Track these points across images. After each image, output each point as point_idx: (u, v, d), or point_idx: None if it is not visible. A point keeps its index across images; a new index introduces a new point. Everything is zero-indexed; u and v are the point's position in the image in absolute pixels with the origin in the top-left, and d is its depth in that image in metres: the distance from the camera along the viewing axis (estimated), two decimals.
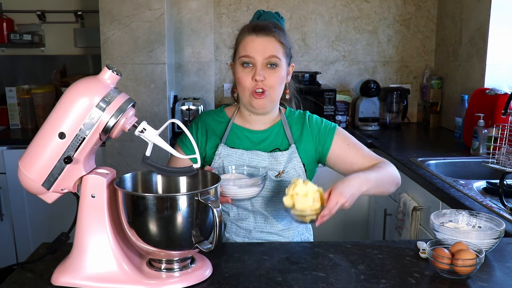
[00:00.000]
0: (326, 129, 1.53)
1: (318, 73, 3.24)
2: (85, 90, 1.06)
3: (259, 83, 1.42)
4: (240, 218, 1.52)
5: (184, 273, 1.12)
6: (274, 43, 1.43)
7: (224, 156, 1.50)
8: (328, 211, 1.22)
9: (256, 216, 1.51)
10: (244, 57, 1.43)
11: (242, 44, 1.45)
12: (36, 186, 1.09)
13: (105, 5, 2.72)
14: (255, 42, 1.42)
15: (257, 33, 1.43)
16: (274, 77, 1.43)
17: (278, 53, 1.43)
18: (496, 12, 2.69)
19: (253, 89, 1.43)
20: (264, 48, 1.42)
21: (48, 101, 3.17)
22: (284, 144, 1.52)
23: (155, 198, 1.06)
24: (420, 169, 2.18)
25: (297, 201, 1.22)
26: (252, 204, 1.49)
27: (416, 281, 1.12)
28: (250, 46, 1.42)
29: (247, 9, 3.36)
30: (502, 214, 1.56)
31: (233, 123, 1.55)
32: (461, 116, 2.79)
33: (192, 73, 3.24)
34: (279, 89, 1.46)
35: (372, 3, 3.40)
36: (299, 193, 1.22)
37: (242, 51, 1.44)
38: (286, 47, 1.47)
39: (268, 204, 1.50)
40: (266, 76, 1.42)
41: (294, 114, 1.58)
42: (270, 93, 1.44)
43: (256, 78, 1.41)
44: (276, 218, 1.51)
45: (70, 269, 1.10)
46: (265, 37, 1.43)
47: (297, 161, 1.50)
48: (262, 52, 1.41)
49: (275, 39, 1.43)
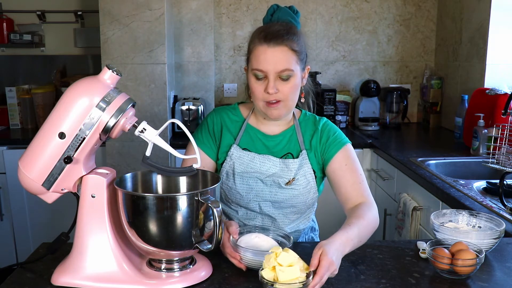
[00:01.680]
0: (336, 141, 1.49)
1: (318, 73, 3.24)
2: (85, 90, 1.06)
3: (272, 95, 1.38)
4: (248, 217, 1.52)
5: (184, 273, 1.12)
6: (286, 54, 1.37)
7: (235, 158, 1.48)
8: (319, 278, 1.04)
9: (263, 217, 1.51)
10: (256, 70, 1.38)
11: (253, 54, 1.39)
12: (36, 186, 1.09)
13: (105, 5, 2.72)
14: (267, 54, 1.36)
15: (268, 42, 1.36)
16: (288, 88, 1.38)
17: (291, 64, 1.37)
18: (496, 12, 2.69)
19: (266, 101, 1.39)
20: (276, 60, 1.36)
21: (48, 101, 3.17)
22: (296, 149, 1.50)
23: (155, 198, 1.06)
24: (420, 169, 2.18)
25: (282, 274, 1.01)
26: (260, 207, 1.49)
27: (416, 281, 1.12)
28: (262, 58, 1.36)
29: (247, 9, 3.36)
30: (502, 214, 1.56)
31: (248, 123, 1.52)
32: (461, 116, 2.79)
33: (192, 73, 3.24)
34: (293, 97, 1.42)
35: (372, 3, 3.40)
36: (283, 263, 1.03)
37: (254, 63, 1.39)
38: (300, 53, 1.40)
39: (277, 208, 1.49)
40: (279, 88, 1.37)
41: (308, 119, 1.54)
42: (285, 103, 1.40)
43: (269, 91, 1.36)
44: (283, 222, 1.51)
45: (70, 269, 1.10)
46: (277, 47, 1.36)
47: (307, 167, 1.47)
48: (274, 65, 1.36)
49: (288, 47, 1.37)
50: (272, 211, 1.49)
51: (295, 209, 1.50)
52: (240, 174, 1.47)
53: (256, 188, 1.47)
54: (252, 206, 1.49)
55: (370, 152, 2.83)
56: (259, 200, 1.48)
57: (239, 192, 1.48)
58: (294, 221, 1.52)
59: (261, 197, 1.48)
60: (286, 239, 1.23)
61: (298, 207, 1.49)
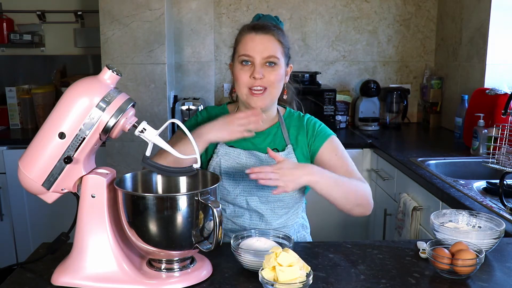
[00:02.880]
0: (321, 133, 1.53)
1: (318, 73, 3.24)
2: (85, 90, 1.06)
3: (257, 81, 1.42)
4: (236, 215, 1.53)
5: (184, 273, 1.12)
6: (273, 42, 1.44)
7: (221, 155, 1.51)
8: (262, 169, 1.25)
9: (251, 214, 1.52)
10: (243, 56, 1.44)
11: (241, 43, 1.46)
12: (36, 186, 1.09)
13: (105, 5, 2.72)
14: (255, 41, 1.43)
15: (256, 31, 1.44)
16: (274, 75, 1.44)
17: (277, 53, 1.44)
18: (496, 12, 2.69)
19: (251, 86, 1.43)
20: (263, 46, 1.43)
21: (48, 101, 3.17)
22: (282, 145, 1.54)
23: (155, 198, 1.06)
24: (420, 169, 2.18)
25: (282, 274, 1.01)
26: (248, 202, 1.50)
27: (416, 281, 1.12)
28: (250, 45, 1.43)
29: (247, 9, 3.37)
30: (502, 214, 1.56)
31: None
32: (461, 116, 2.79)
33: (192, 73, 3.24)
34: (278, 86, 1.47)
35: (372, 3, 3.40)
36: (283, 263, 1.03)
37: (241, 49, 1.45)
38: (285, 46, 1.48)
39: (264, 203, 1.50)
40: (265, 74, 1.43)
41: (293, 115, 1.59)
42: (270, 90, 1.45)
43: (255, 76, 1.42)
44: (271, 217, 1.52)
45: (70, 269, 1.10)
46: (265, 35, 1.43)
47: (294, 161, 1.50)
48: (261, 51, 1.42)
49: (274, 37, 1.44)
50: (260, 206, 1.50)
51: (283, 203, 1.51)
52: (226, 170, 1.50)
53: (243, 183, 1.49)
54: (239, 201, 1.50)
55: (370, 152, 2.83)
56: (246, 195, 1.50)
57: (225, 187, 1.50)
58: (282, 216, 1.53)
59: (247, 192, 1.50)
60: (287, 240, 1.23)
61: (285, 201, 1.51)
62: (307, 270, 1.05)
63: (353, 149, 2.82)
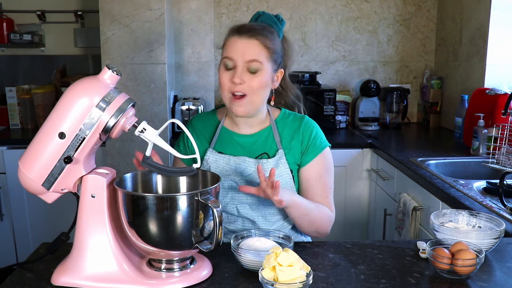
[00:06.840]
0: (315, 145, 1.48)
1: (318, 73, 3.24)
2: (85, 90, 1.06)
3: (238, 86, 1.38)
4: (228, 221, 1.50)
5: (184, 273, 1.12)
6: (256, 47, 1.38)
7: (211, 162, 1.49)
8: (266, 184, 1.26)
9: (244, 220, 1.49)
10: (226, 59, 1.40)
11: (225, 45, 1.43)
12: (36, 186, 1.09)
13: (105, 5, 2.72)
14: (237, 44, 1.39)
15: (240, 34, 1.39)
16: (255, 82, 1.38)
17: (260, 57, 1.38)
18: (496, 12, 2.69)
19: (232, 91, 1.39)
20: (244, 50, 1.38)
21: (48, 101, 3.17)
22: (273, 149, 1.49)
23: (155, 198, 1.06)
24: (420, 169, 2.18)
25: (282, 274, 1.01)
26: (238, 210, 1.47)
27: (416, 281, 1.12)
28: (232, 48, 1.39)
29: (247, 9, 3.37)
30: (502, 214, 1.56)
31: (223, 126, 1.53)
32: (461, 116, 2.79)
33: (192, 73, 3.24)
34: (260, 94, 1.41)
35: (372, 3, 3.40)
36: (283, 263, 1.02)
37: (224, 52, 1.42)
38: (272, 52, 1.41)
39: (255, 210, 1.47)
40: (246, 80, 1.38)
41: (287, 118, 1.53)
42: (251, 97, 1.39)
43: (234, 81, 1.37)
44: (264, 224, 1.48)
45: (70, 269, 1.10)
46: (248, 40, 1.38)
47: (284, 167, 1.46)
48: (243, 55, 1.37)
49: (259, 42, 1.38)
50: (251, 213, 1.47)
51: (274, 210, 1.48)
52: None
53: (232, 191, 1.47)
54: (230, 209, 1.48)
55: (370, 152, 2.83)
56: (236, 203, 1.47)
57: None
58: (275, 223, 1.50)
59: (237, 200, 1.47)
60: (287, 240, 1.23)
61: (278, 208, 1.47)
62: (307, 270, 1.05)
63: (353, 149, 2.82)
